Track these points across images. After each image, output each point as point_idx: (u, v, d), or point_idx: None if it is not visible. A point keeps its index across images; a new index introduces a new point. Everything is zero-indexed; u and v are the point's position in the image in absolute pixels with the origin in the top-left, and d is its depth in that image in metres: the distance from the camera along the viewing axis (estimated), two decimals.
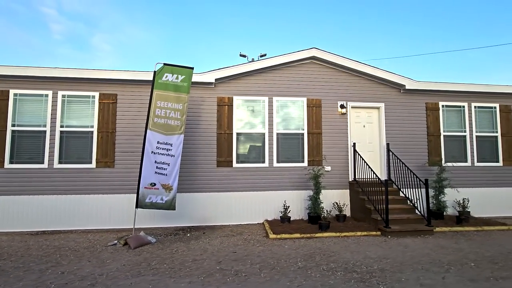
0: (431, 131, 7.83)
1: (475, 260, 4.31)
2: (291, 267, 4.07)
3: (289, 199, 7.06)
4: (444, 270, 3.94)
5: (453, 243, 5.26)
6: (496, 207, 7.85)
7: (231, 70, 7.01)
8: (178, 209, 6.60)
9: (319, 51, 7.36)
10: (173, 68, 5.69)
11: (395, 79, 7.61)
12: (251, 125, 7.21)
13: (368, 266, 4.08)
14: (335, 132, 7.44)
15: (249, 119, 7.22)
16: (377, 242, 5.30)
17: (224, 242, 5.37)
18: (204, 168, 6.90)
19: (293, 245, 5.14)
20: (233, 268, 4.07)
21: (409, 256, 4.51)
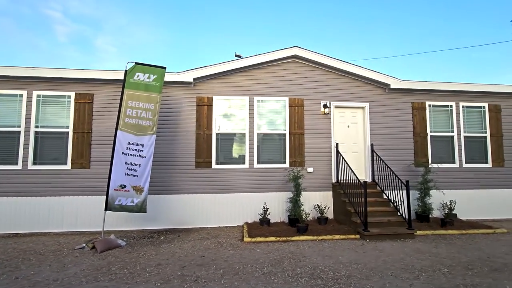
0: (417, 131, 7.63)
1: (449, 266, 4.13)
2: (256, 273, 3.91)
3: (270, 201, 6.90)
4: (414, 276, 3.76)
5: (432, 247, 5.07)
6: (485, 209, 7.63)
7: (210, 69, 6.87)
8: (155, 211, 6.52)
9: (301, 49, 7.20)
10: (144, 67, 5.56)
11: (379, 78, 7.42)
12: (231, 125, 7.06)
13: (335, 272, 3.91)
14: (318, 133, 7.27)
15: (229, 119, 7.07)
16: (353, 246, 5.12)
17: (196, 246, 5.22)
18: (183, 169, 6.76)
19: (265, 249, 4.97)
20: (195, 273, 3.91)
21: (382, 261, 4.33)
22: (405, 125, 7.63)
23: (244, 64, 7.05)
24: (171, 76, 6.70)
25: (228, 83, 7.11)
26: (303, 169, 7.08)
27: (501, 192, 7.78)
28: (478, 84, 7.86)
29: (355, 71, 7.39)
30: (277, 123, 7.20)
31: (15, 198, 6.25)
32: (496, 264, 4.22)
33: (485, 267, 4.08)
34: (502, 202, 7.73)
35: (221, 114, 7.04)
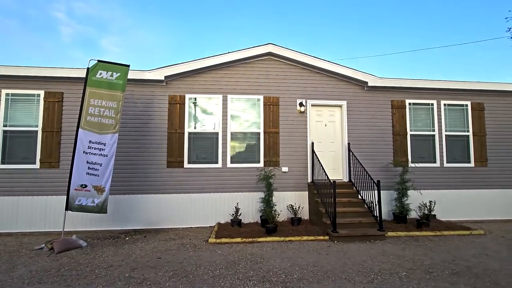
0: (396, 130, 7.45)
1: (409, 269, 3.96)
2: (206, 276, 3.78)
3: (243, 201, 6.77)
4: (368, 280, 3.61)
5: (400, 249, 4.90)
6: (467, 210, 7.44)
7: (182, 67, 6.75)
8: (126, 211, 6.43)
9: (275, 46, 7.06)
10: (107, 65, 5.46)
11: (357, 75, 7.26)
12: (204, 124, 6.94)
13: (288, 275, 3.77)
14: (294, 132, 7.12)
15: (202, 118, 6.95)
16: (319, 248, 4.97)
17: (158, 247, 5.10)
18: (154, 168, 6.65)
19: (226, 251, 4.84)
20: (143, 275, 3.79)
21: (341, 264, 4.18)
22: (384, 124, 7.45)
23: (218, 62, 6.92)
24: (142, 74, 6.60)
25: (201, 81, 6.99)
26: (277, 168, 6.94)
27: (484, 193, 7.58)
28: (460, 82, 7.66)
29: (332, 68, 7.23)
30: (252, 122, 7.07)
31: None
32: (459, 267, 4.05)
33: (446, 271, 3.91)
34: (485, 203, 7.53)
35: (194, 112, 6.92)
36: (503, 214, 7.54)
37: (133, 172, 6.58)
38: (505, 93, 7.87)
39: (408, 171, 6.93)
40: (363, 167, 6.36)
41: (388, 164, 7.20)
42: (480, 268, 4.00)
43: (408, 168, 7.00)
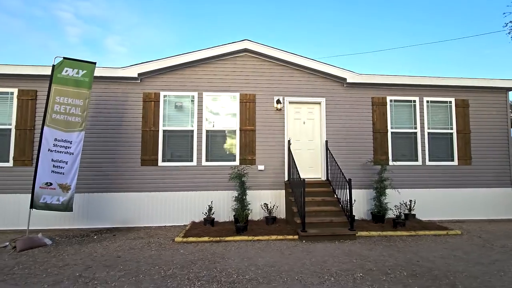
0: (377, 127, 7.29)
1: (368, 270, 3.84)
2: (156, 275, 3.70)
3: (218, 200, 6.69)
4: (320, 281, 3.50)
5: (367, 249, 4.78)
6: (449, 209, 7.26)
7: (156, 64, 6.68)
8: (100, 210, 6.40)
9: (252, 43, 6.94)
10: (73, 62, 5.41)
11: (335, 72, 7.11)
12: (179, 122, 6.86)
13: (240, 275, 3.67)
14: (271, 129, 7.01)
15: (177, 115, 6.88)
16: (284, 248, 4.87)
17: (122, 246, 5.05)
18: (128, 167, 6.60)
19: (189, 250, 4.76)
20: (94, 275, 3.74)
21: (300, 264, 4.07)
22: (365, 121, 7.30)
23: (193, 59, 6.83)
24: (115, 71, 6.55)
25: (176, 78, 6.91)
26: (253, 167, 6.85)
27: (468, 192, 7.39)
28: (444, 78, 7.46)
29: (310, 65, 7.10)
30: (228, 120, 6.97)
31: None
32: (421, 268, 3.92)
33: (405, 272, 3.78)
34: (469, 202, 7.34)
35: (169, 110, 6.84)
36: (487, 214, 7.34)
37: (107, 170, 6.54)
38: (491, 90, 7.66)
39: (387, 169, 6.78)
40: (337, 165, 6.23)
41: (367, 162, 7.05)
42: (442, 270, 3.86)
43: (386, 166, 6.83)
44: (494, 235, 5.81)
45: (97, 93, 6.59)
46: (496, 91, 7.68)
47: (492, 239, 5.45)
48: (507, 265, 4.07)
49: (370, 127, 7.29)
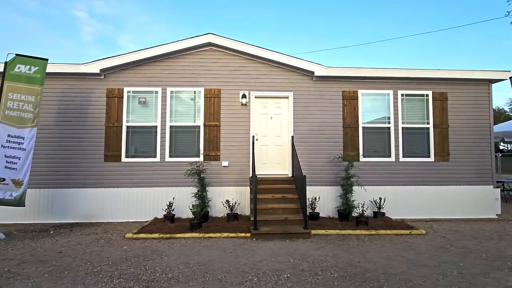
0: (347, 122, 7.02)
1: (299, 271, 3.68)
2: (81, 272, 3.66)
3: (181, 196, 6.64)
4: (241, 281, 3.37)
5: (314, 249, 4.61)
6: (424, 208, 6.95)
7: (118, 59, 6.63)
8: (64, 205, 6.48)
9: (216, 36, 6.79)
10: (25, 59, 5.42)
11: (302, 65, 6.87)
12: (142, 117, 6.82)
13: (164, 273, 3.59)
14: (236, 125, 6.87)
15: (140, 111, 6.83)
16: (230, 245, 4.76)
17: (71, 241, 5.06)
18: (91, 162, 6.62)
19: (134, 246, 4.73)
20: (22, 270, 3.74)
21: (235, 263, 3.95)
22: (335, 116, 7.04)
23: (157, 53, 6.74)
24: (77, 68, 6.54)
25: (140, 74, 6.85)
26: (218, 163, 6.74)
27: (445, 189, 7.04)
28: (421, 70, 7.10)
29: (276, 58, 6.88)
30: (192, 115, 6.88)
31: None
32: (357, 270, 3.73)
33: (336, 273, 3.60)
34: (446, 200, 7.00)
35: (132, 106, 6.81)
36: (465, 213, 6.99)
37: (71, 166, 6.58)
38: (472, 82, 7.23)
39: (354, 166, 6.53)
40: (298, 161, 6.03)
41: (334, 158, 6.81)
42: (378, 272, 3.66)
43: (354, 163, 6.58)
44: (462, 235, 5.50)
45: (61, 90, 6.63)
46: (478, 83, 7.25)
47: (456, 240, 5.16)
48: (453, 267, 3.82)
49: (341, 122, 7.03)
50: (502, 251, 4.54)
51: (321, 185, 6.84)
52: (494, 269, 3.78)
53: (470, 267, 3.83)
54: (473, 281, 3.39)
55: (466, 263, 3.98)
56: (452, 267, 3.83)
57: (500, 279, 3.45)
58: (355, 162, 6.83)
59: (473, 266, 3.87)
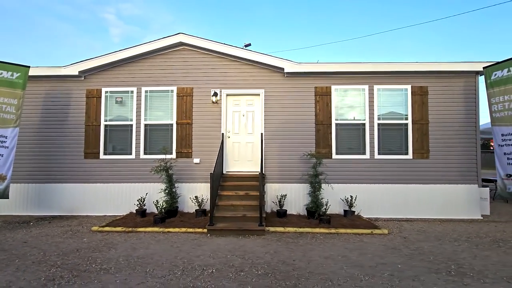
0: (319, 119, 6.90)
1: (228, 266, 3.76)
2: (29, 261, 3.98)
3: (155, 192, 6.89)
4: (164, 274, 3.52)
5: (260, 245, 4.64)
6: (399, 207, 6.71)
7: (96, 61, 6.97)
8: (49, 199, 6.97)
9: (186, 36, 6.92)
10: (6, 65, 5.88)
11: (272, 62, 6.83)
12: (119, 116, 7.14)
13: (100, 265, 3.82)
14: (208, 122, 6.99)
15: (117, 110, 7.16)
16: (182, 240, 4.93)
17: (42, 233, 5.48)
18: (72, 159, 7.06)
19: (93, 239, 5.03)
20: None
21: (172, 257, 4.10)
22: (307, 112, 6.95)
23: (131, 54, 7.01)
24: (58, 70, 6.97)
25: (117, 75, 7.16)
26: (189, 160, 6.93)
27: (425, 188, 6.74)
28: (399, 63, 6.79)
29: (246, 56, 6.90)
30: (165, 113, 7.09)
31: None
32: (286, 268, 3.73)
33: (262, 270, 3.63)
34: (424, 200, 6.70)
35: (110, 105, 7.14)
36: (446, 213, 6.65)
37: (54, 163, 7.05)
38: (456, 74, 6.81)
39: (322, 163, 6.43)
40: (262, 158, 6.05)
41: (303, 155, 6.73)
42: (305, 271, 3.64)
43: (322, 160, 6.47)
44: (427, 236, 5.27)
45: (45, 91, 7.11)
46: (462, 76, 6.80)
47: (416, 241, 4.96)
48: (387, 269, 3.71)
49: (313, 119, 6.93)
50: (456, 254, 4.32)
51: (291, 183, 6.81)
52: (430, 272, 3.62)
53: (406, 269, 3.71)
54: (397, 284, 3.29)
55: (406, 265, 3.85)
56: (387, 269, 3.73)
57: (427, 283, 3.32)
58: (327, 160, 6.73)
59: (410, 268, 3.73)
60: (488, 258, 4.15)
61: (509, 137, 5.40)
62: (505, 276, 3.52)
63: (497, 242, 4.90)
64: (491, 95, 5.71)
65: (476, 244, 4.79)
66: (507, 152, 5.42)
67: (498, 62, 5.69)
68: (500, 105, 5.55)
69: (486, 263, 3.93)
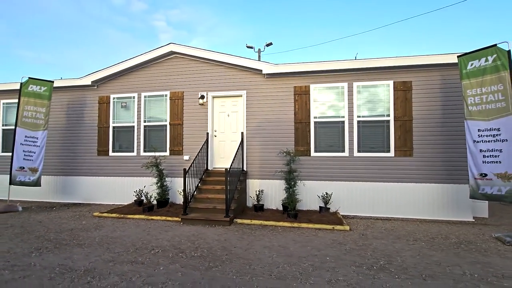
0: (298, 117, 7.10)
1: (175, 249, 4.37)
2: (33, 235, 5.09)
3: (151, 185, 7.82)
4: (118, 251, 4.27)
5: (216, 234, 5.16)
6: (379, 205, 6.62)
7: (104, 71, 8.14)
8: (71, 189, 8.38)
9: (176, 45, 7.68)
10: (36, 81, 7.32)
11: (252, 64, 7.21)
12: (124, 119, 8.23)
13: (78, 241, 4.74)
14: (196, 123, 7.69)
15: (122, 114, 8.26)
16: (157, 226, 5.68)
17: (57, 216, 6.72)
18: (88, 156, 8.36)
19: (90, 222, 6.07)
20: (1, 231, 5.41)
21: (134, 238, 4.86)
22: (286, 111, 7.20)
23: (132, 64, 8.02)
24: (75, 81, 8.32)
25: (122, 83, 8.26)
26: (180, 157, 7.71)
27: (407, 187, 6.52)
28: (379, 59, 6.65)
29: (229, 60, 7.40)
30: (160, 116, 7.97)
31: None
32: (221, 253, 4.20)
33: (198, 253, 4.16)
34: (407, 199, 6.50)
35: (117, 109, 8.28)
36: (428, 213, 6.37)
37: (75, 158, 8.44)
38: (441, 67, 6.42)
39: (295, 160, 6.66)
40: (241, 155, 6.51)
41: (279, 153, 7.00)
42: (234, 256, 4.06)
43: (295, 158, 6.70)
44: (388, 234, 5.21)
45: (66, 99, 8.53)
46: (450, 69, 6.38)
47: (373, 238, 4.98)
48: (312, 260, 3.94)
49: (292, 117, 7.15)
50: (400, 252, 4.31)
51: (271, 179, 7.15)
52: (352, 265, 3.77)
53: (330, 262, 3.90)
54: (308, 272, 3.54)
55: (334, 258, 4.02)
56: (313, 260, 3.96)
57: (338, 274, 3.51)
58: (306, 157, 6.93)
59: (335, 261, 3.91)
60: (428, 257, 4.08)
61: (486, 133, 5.00)
62: (426, 274, 3.52)
63: (459, 244, 4.68)
64: (466, 87, 5.31)
65: (432, 245, 4.66)
66: (483, 149, 5.03)
67: (474, 51, 5.26)
68: (477, 98, 5.15)
69: (420, 262, 3.90)
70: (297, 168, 6.84)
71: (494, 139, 4.90)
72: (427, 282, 3.32)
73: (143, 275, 3.45)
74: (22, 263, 3.81)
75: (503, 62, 4.87)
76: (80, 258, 3.98)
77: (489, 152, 4.94)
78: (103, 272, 3.52)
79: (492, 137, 4.92)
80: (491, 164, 4.91)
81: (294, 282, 3.28)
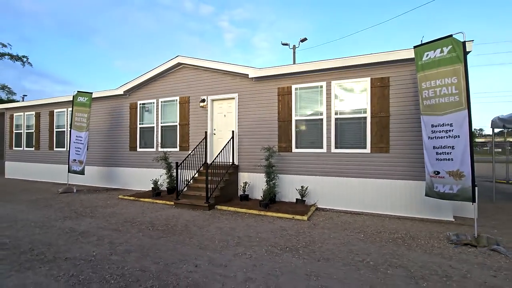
0: (281, 116, 7.66)
1: (150, 224, 5.64)
2: (68, 208, 7.04)
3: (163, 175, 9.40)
4: (114, 221, 5.75)
5: (191, 216, 6.26)
6: (355, 200, 6.80)
7: (132, 83, 10.01)
8: (112, 177, 10.61)
9: (183, 57, 9.00)
10: (81, 93, 9.58)
11: (240, 70, 8.03)
12: (147, 120, 10.00)
13: (91, 212, 6.43)
14: (199, 123, 8.92)
15: (146, 117, 10.03)
16: (153, 207, 7.11)
17: (95, 197, 8.80)
18: (124, 151, 10.43)
19: (111, 201, 7.88)
20: (51, 204, 7.55)
21: (131, 215, 6.32)
22: (271, 111, 7.84)
23: (151, 75, 9.68)
24: (113, 92, 10.43)
25: (145, 91, 10.03)
26: (186, 152, 9.07)
27: (383, 183, 6.54)
28: (356, 57, 6.75)
29: (222, 67, 8.37)
30: (172, 118, 9.46)
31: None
32: (175, 227, 5.29)
33: (162, 228, 5.33)
34: (382, 195, 6.53)
35: (142, 113, 10.10)
36: (405, 210, 6.29)
37: (114, 153, 10.62)
38: None
39: (273, 156, 7.28)
40: (234, 151, 7.49)
41: (261, 149, 7.68)
42: (186, 230, 5.10)
43: (273, 153, 7.29)
44: (339, 226, 5.52)
45: (106, 106, 10.74)
46: None
47: (320, 228, 5.39)
48: (244, 239, 4.69)
49: (276, 116, 7.76)
50: (328, 240, 4.70)
51: (257, 172, 7.92)
52: (262, 246, 4.41)
53: (252, 242, 4.60)
54: (230, 246, 4.36)
55: (263, 240, 4.70)
56: (245, 239, 4.71)
57: (241, 251, 4.23)
58: (288, 153, 7.50)
59: (258, 244, 4.59)
60: (351, 246, 4.40)
61: (440, 129, 4.81)
62: (325, 257, 3.95)
63: (399, 239, 4.78)
64: (422, 79, 5.09)
65: (372, 237, 4.86)
66: (437, 145, 4.85)
67: (431, 41, 5.01)
68: (431, 91, 4.95)
69: (337, 249, 4.29)
70: (278, 163, 7.46)
71: (446, 135, 4.74)
72: (319, 263, 3.79)
73: (113, 237, 4.78)
74: (49, 225, 5.57)
75: (458, 54, 4.66)
76: (85, 224, 5.57)
77: (441, 149, 4.81)
78: (90, 234, 4.98)
79: (445, 133, 4.76)
80: (444, 162, 4.78)
81: (210, 252, 4.15)
